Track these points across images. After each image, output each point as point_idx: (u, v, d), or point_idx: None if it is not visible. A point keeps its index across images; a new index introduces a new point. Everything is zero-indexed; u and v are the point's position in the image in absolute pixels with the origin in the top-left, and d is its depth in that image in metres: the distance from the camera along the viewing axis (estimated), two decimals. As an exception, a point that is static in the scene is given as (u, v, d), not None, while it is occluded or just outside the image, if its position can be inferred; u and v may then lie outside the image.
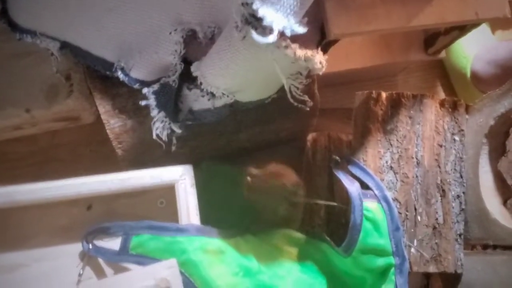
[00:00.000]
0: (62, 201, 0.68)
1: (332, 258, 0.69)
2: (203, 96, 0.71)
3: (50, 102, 0.84)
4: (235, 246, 0.68)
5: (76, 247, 0.69)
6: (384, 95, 0.71)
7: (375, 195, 0.67)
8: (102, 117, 0.79)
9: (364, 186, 0.69)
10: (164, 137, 0.73)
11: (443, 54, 0.91)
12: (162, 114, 0.74)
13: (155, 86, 0.74)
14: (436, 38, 0.81)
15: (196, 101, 0.74)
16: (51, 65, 0.82)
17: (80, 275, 0.68)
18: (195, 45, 0.72)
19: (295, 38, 0.56)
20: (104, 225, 0.67)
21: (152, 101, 0.74)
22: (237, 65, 0.64)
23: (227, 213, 0.78)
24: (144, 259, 0.65)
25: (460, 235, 0.71)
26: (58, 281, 0.69)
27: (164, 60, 0.73)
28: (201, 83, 0.69)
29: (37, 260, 0.69)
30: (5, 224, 0.68)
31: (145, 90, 0.74)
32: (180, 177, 0.68)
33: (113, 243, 0.68)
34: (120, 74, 0.73)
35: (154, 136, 0.73)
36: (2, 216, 0.67)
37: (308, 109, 0.72)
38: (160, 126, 0.74)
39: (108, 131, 0.79)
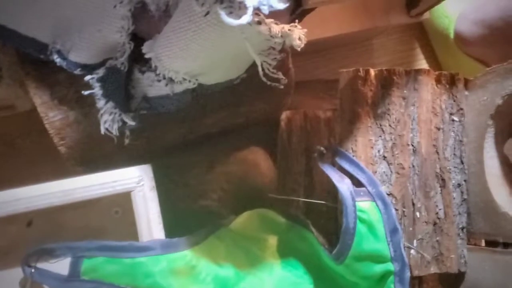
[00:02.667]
0: (-5, 219, 0.56)
1: (319, 251, 0.61)
2: (159, 80, 0.60)
3: (-26, 94, 0.70)
4: (207, 252, 0.59)
5: (16, 272, 0.58)
6: (372, 73, 0.60)
7: (369, 192, 0.58)
8: (39, 109, 0.66)
9: (355, 181, 0.59)
10: (115, 131, 0.63)
11: (426, 15, 0.81)
12: (111, 104, 0.63)
13: (100, 72, 0.62)
14: (420, -1, 0.71)
15: (151, 86, 0.62)
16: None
17: (22, 305, 0.57)
18: (146, 20, 0.61)
19: (266, 9, 0.45)
20: (47, 247, 0.55)
21: (97, 90, 0.63)
22: (199, 45, 0.54)
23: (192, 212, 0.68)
24: (99, 285, 0.54)
25: (462, 228, 0.63)
26: (-2, 314, 0.57)
27: (109, 39, 0.61)
28: (156, 67, 0.57)
29: (-31, 292, 0.57)
30: None
31: (88, 78, 0.62)
32: (137, 184, 0.56)
33: (61, 265, 0.57)
34: (56, 58, 0.61)
35: (103, 131, 0.62)
36: None
37: (282, 87, 0.63)
38: (109, 119, 0.63)
39: (47, 125, 0.66)
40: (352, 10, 0.83)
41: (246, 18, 0.42)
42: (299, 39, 0.52)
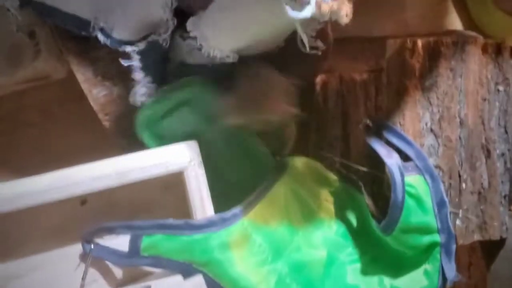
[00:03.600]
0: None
1: (368, 216, 0.62)
2: (199, 49, 0.60)
3: (12, 67, 0.71)
4: (263, 214, 0.60)
5: (73, 250, 0.60)
6: (420, 43, 0.60)
7: (416, 166, 0.59)
8: (83, 86, 0.66)
9: (402, 155, 0.59)
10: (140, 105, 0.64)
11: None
12: (148, 78, 0.62)
13: (141, 45, 0.62)
14: None
15: (189, 54, 0.62)
16: (6, 20, 0.67)
17: (83, 279, 0.59)
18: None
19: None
20: (107, 225, 0.57)
21: (136, 63, 0.63)
22: (248, 23, 0.53)
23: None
24: (159, 261, 0.57)
25: (505, 196, 0.64)
26: (58, 289, 0.60)
27: (152, 15, 0.61)
28: (201, 45, 0.57)
29: (31, 269, 0.60)
30: (-13, 234, 0.58)
31: (128, 49, 0.61)
32: (188, 163, 0.57)
33: (118, 241, 0.59)
34: (100, 37, 0.60)
35: (139, 104, 0.63)
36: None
37: (320, 53, 0.62)
38: (146, 92, 0.62)
39: (91, 102, 0.67)
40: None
41: (310, 10, 0.42)
42: (346, 15, 0.51)
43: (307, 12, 0.41)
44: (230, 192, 0.63)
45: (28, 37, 0.70)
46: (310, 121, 0.75)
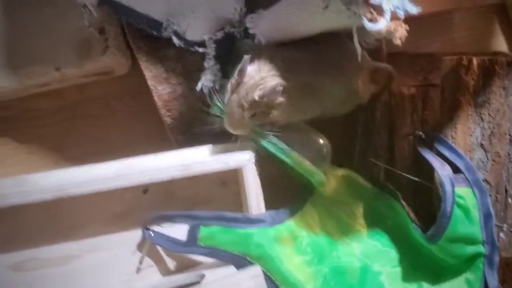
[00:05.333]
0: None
1: (408, 224, 0.64)
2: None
3: (82, 60, 0.75)
4: (305, 221, 0.64)
5: (132, 235, 0.64)
6: (475, 62, 0.62)
7: (466, 178, 0.61)
8: (149, 82, 0.70)
9: (453, 167, 0.62)
10: (207, 91, 0.66)
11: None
12: (217, 67, 0.66)
13: (219, 34, 0.66)
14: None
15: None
16: (80, 16, 0.71)
17: (140, 263, 0.62)
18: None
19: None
20: (168, 213, 0.61)
21: (211, 50, 0.66)
22: (305, 29, 0.58)
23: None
24: (215, 251, 0.60)
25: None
26: (114, 272, 0.64)
27: (224, 15, 0.64)
28: (260, 42, 0.62)
29: (90, 251, 0.64)
30: (55, 214, 0.62)
31: (206, 37, 0.66)
32: (248, 160, 0.60)
33: (174, 230, 0.62)
34: (174, 39, 0.64)
35: (199, 88, 0.66)
36: (52, 205, 0.60)
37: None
38: (210, 79, 0.66)
39: (155, 98, 0.70)
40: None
41: (384, 23, 0.45)
42: (400, 38, 0.53)
43: (382, 25, 0.44)
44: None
45: (98, 33, 0.73)
46: (357, 130, 0.77)
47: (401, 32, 0.53)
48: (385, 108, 0.74)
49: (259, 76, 0.59)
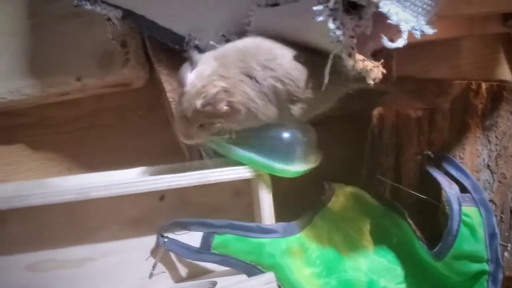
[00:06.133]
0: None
1: (414, 242, 0.66)
2: None
3: (103, 71, 0.78)
4: (314, 235, 0.66)
5: (146, 241, 0.66)
6: (484, 86, 0.65)
7: (473, 198, 0.63)
8: (168, 95, 0.72)
9: (460, 186, 0.64)
10: None
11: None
12: None
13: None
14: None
15: None
16: (103, 29, 0.74)
17: (153, 268, 0.64)
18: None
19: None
20: (183, 221, 0.62)
21: None
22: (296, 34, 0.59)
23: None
24: (227, 259, 0.62)
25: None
26: (127, 276, 0.65)
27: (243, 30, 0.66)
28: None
29: (105, 254, 0.65)
30: (74, 217, 0.64)
31: None
32: (263, 172, 0.62)
33: (187, 238, 0.64)
34: (194, 52, 0.66)
35: None
36: (71, 208, 0.62)
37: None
38: None
39: (174, 109, 0.72)
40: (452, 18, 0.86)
41: (402, 42, 0.47)
42: (374, 79, 0.56)
43: (400, 44, 0.47)
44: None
45: (120, 46, 0.76)
46: (365, 150, 0.80)
47: (376, 73, 0.55)
48: (393, 130, 0.77)
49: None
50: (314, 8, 0.50)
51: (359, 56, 0.52)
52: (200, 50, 0.66)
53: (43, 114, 0.87)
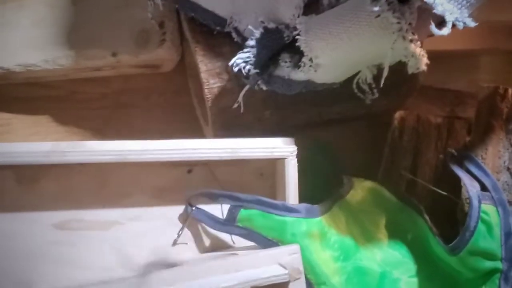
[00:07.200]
0: (164, 162, 0.65)
1: (428, 237, 0.68)
2: (285, 62, 0.66)
3: (139, 49, 0.79)
4: (333, 221, 0.67)
5: (173, 210, 0.67)
6: (510, 91, 0.68)
7: (492, 197, 0.65)
8: (202, 75, 0.74)
9: (480, 185, 0.66)
10: (236, 70, 0.67)
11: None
12: (255, 51, 0.67)
13: (272, 24, 0.68)
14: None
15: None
16: (143, 8, 0.76)
17: (178, 235, 0.66)
18: (313, 9, 0.67)
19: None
20: (212, 191, 0.64)
21: (257, 33, 0.67)
22: (349, 38, 0.59)
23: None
24: (251, 233, 0.63)
25: None
26: (151, 243, 0.67)
27: (280, 21, 0.68)
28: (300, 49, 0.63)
29: (132, 219, 0.67)
30: (104, 180, 0.66)
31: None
32: (291, 153, 0.65)
33: (212, 210, 0.66)
34: (234, 35, 0.68)
35: (231, 63, 0.67)
36: (104, 171, 0.64)
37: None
38: (245, 60, 0.67)
39: (206, 90, 0.74)
40: (477, 29, 0.88)
41: (447, 31, 0.50)
42: (424, 65, 0.58)
43: (445, 32, 0.49)
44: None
45: (158, 26, 0.79)
46: (384, 150, 0.82)
47: (425, 61, 0.57)
48: (413, 133, 0.80)
49: None
50: (373, 8, 0.52)
51: (418, 43, 0.54)
52: (239, 33, 0.68)
53: (71, 89, 0.89)
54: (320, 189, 0.72)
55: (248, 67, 0.66)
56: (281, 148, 0.64)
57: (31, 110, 0.86)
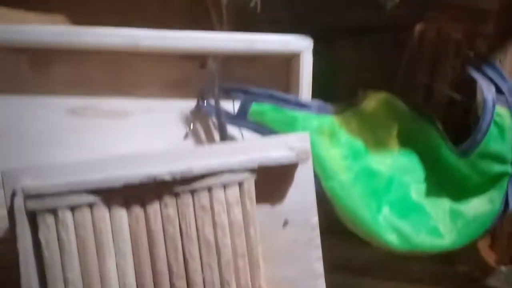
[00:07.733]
0: (178, 54, 0.65)
1: (438, 143, 0.68)
2: None
3: None
4: (345, 123, 0.67)
5: (184, 104, 0.67)
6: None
7: (507, 101, 0.64)
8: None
9: (496, 89, 0.65)
10: None
11: None
12: None
13: None
14: None
15: None
16: None
17: (189, 128, 0.66)
18: None
19: None
20: (224, 85, 0.64)
21: None
22: None
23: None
24: (262, 128, 0.63)
25: None
26: (162, 134, 0.67)
27: None
28: None
29: (143, 110, 0.67)
30: (117, 69, 0.65)
31: None
32: (306, 48, 0.64)
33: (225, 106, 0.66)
34: None
35: None
36: (116, 60, 0.64)
37: None
38: None
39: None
40: None
41: None
42: None
43: None
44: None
45: None
46: (401, 61, 0.81)
47: None
48: (431, 47, 0.78)
49: None
50: None
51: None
52: None
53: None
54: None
55: None
56: (297, 42, 0.63)
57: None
